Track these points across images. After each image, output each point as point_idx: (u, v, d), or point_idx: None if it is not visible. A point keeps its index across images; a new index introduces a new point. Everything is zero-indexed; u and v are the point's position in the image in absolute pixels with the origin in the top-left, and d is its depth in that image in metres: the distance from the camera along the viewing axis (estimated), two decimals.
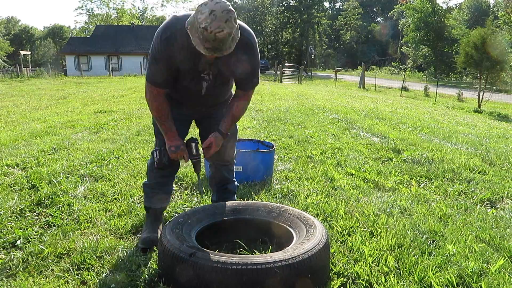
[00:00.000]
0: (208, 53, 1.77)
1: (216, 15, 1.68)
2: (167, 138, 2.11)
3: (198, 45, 1.76)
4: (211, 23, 1.68)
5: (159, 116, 2.08)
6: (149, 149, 4.39)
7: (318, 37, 55.27)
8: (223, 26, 1.69)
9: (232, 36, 1.74)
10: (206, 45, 1.73)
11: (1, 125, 6.27)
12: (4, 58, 51.30)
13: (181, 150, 2.11)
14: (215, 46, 1.73)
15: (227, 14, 1.70)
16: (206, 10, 1.70)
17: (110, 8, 55.64)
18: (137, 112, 7.54)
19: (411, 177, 3.61)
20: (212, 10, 1.69)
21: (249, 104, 2.23)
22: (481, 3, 52.03)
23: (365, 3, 63.60)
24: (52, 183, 3.20)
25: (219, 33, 1.69)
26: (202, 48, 1.75)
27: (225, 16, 1.69)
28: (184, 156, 2.13)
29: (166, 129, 2.09)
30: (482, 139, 5.83)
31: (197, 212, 2.13)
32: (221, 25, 1.68)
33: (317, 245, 1.76)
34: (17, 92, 12.99)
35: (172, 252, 1.71)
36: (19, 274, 1.91)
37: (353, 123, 6.72)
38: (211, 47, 1.73)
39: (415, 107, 11.61)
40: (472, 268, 1.92)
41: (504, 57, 14.92)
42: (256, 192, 3.08)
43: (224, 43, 1.73)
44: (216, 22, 1.68)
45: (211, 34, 1.68)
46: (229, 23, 1.70)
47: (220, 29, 1.68)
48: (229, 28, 1.70)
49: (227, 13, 1.70)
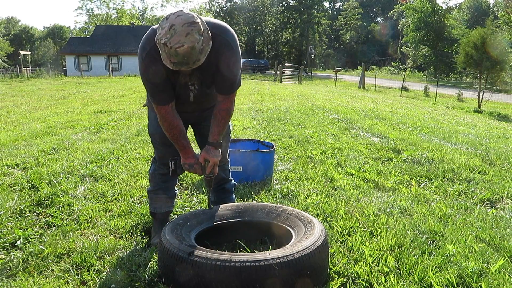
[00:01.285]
0: (175, 67, 1.73)
1: (176, 30, 1.63)
2: (182, 155, 2.10)
3: (165, 59, 1.72)
4: (171, 38, 1.63)
5: (171, 135, 2.05)
6: (149, 149, 4.39)
7: (318, 37, 55.24)
8: (183, 40, 1.63)
9: (197, 49, 1.67)
10: (172, 60, 1.69)
11: (1, 125, 6.27)
12: (4, 58, 51.30)
13: (194, 169, 2.11)
14: (180, 61, 1.69)
15: (188, 28, 1.64)
16: (166, 24, 1.65)
17: (110, 8, 55.73)
18: (137, 112, 7.53)
19: (411, 177, 3.61)
20: (172, 24, 1.64)
21: (234, 105, 2.12)
22: (481, 3, 52.08)
23: (365, 3, 63.62)
24: (52, 183, 3.20)
25: (179, 48, 1.63)
26: (169, 62, 1.72)
27: (186, 30, 1.63)
28: (197, 173, 2.13)
29: (180, 147, 2.08)
30: (482, 139, 5.83)
31: (197, 215, 2.13)
32: (181, 40, 1.63)
33: (316, 243, 1.76)
34: (17, 92, 12.99)
35: (171, 252, 1.72)
36: (19, 274, 1.91)
37: (353, 123, 6.72)
38: (176, 61, 1.69)
39: (415, 107, 11.61)
40: (472, 268, 1.92)
41: (504, 57, 14.92)
42: (256, 192, 3.08)
43: (189, 57, 1.68)
44: (175, 37, 1.63)
45: (171, 49, 1.64)
46: (191, 37, 1.64)
47: (180, 44, 1.63)
48: (190, 42, 1.64)
49: (188, 26, 1.64)
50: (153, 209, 2.38)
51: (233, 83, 1.99)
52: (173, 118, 2.01)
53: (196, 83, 2.02)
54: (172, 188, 2.43)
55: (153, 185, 2.38)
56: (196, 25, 1.66)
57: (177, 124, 2.02)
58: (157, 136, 2.24)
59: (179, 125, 2.03)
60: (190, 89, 2.04)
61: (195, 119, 2.31)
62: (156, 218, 2.38)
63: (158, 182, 2.35)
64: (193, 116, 2.28)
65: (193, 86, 2.03)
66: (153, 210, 2.38)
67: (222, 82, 1.98)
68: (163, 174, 2.32)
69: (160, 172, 2.33)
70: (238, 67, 1.97)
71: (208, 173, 2.11)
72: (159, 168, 2.33)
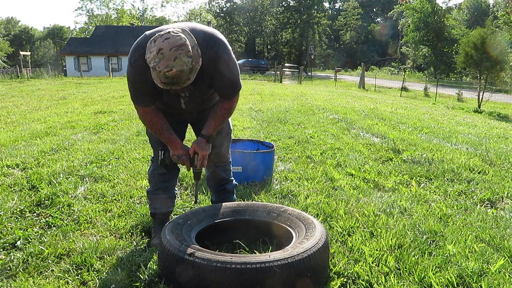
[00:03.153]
0: (166, 87, 1.73)
1: (164, 54, 1.62)
2: (170, 146, 2.11)
3: (155, 79, 1.72)
4: (159, 62, 1.63)
5: (153, 130, 2.07)
6: (149, 149, 4.39)
7: (318, 37, 55.27)
8: (172, 64, 1.62)
9: (186, 71, 1.67)
10: (162, 80, 1.70)
11: (1, 125, 6.27)
12: (4, 58, 51.34)
13: (182, 160, 2.11)
14: (170, 82, 1.69)
15: (175, 52, 1.63)
16: (154, 48, 1.65)
17: (110, 9, 55.78)
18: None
19: (411, 177, 3.62)
20: (160, 48, 1.63)
21: (236, 105, 2.12)
22: (480, 3, 52.09)
23: (365, 3, 63.62)
24: (52, 184, 3.20)
25: (168, 73, 1.64)
26: (159, 82, 1.72)
27: (174, 54, 1.62)
28: (186, 165, 2.14)
29: (165, 139, 2.08)
30: (482, 139, 5.83)
31: (197, 213, 2.13)
32: (169, 64, 1.62)
33: (317, 244, 1.76)
34: (17, 92, 12.99)
35: (172, 252, 1.71)
36: (19, 275, 1.91)
37: (353, 123, 6.72)
38: (166, 82, 1.69)
39: (415, 107, 11.61)
40: (472, 268, 1.92)
41: (504, 57, 14.92)
42: (256, 192, 3.08)
43: (179, 78, 1.68)
44: (164, 62, 1.62)
45: (160, 73, 1.64)
46: (179, 61, 1.63)
47: (169, 68, 1.63)
48: (179, 65, 1.64)
49: (176, 50, 1.63)
50: (153, 210, 2.38)
51: (233, 87, 2.00)
52: (152, 116, 2.02)
53: (187, 93, 2.02)
54: (172, 188, 2.43)
55: (153, 185, 2.38)
56: (184, 47, 1.65)
57: (157, 120, 2.03)
58: (154, 137, 2.25)
59: (160, 120, 2.04)
60: (181, 97, 2.05)
61: (193, 118, 2.31)
62: (156, 219, 2.38)
63: (157, 182, 2.35)
64: (190, 117, 2.28)
65: (184, 94, 2.04)
66: (153, 210, 2.38)
67: (222, 89, 2.00)
68: (162, 174, 2.33)
69: (159, 172, 2.33)
70: (235, 72, 1.97)
71: (198, 167, 2.11)
72: (158, 168, 2.33)
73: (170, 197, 2.40)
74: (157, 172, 2.34)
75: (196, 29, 1.85)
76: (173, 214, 2.62)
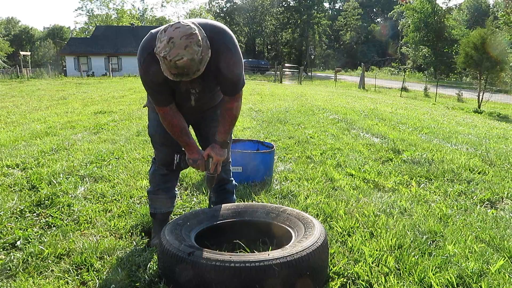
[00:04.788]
0: (175, 78, 1.73)
1: (175, 43, 1.63)
2: (186, 150, 2.13)
3: (165, 71, 1.73)
4: (170, 51, 1.63)
5: (172, 133, 2.09)
6: (149, 149, 4.39)
7: (318, 38, 55.27)
8: (183, 53, 1.63)
9: (196, 60, 1.68)
10: (172, 71, 1.70)
11: (1, 125, 6.27)
12: (4, 58, 51.31)
13: (198, 165, 2.13)
14: (180, 72, 1.69)
15: (186, 40, 1.63)
16: (165, 38, 1.65)
17: (110, 9, 55.78)
18: (137, 113, 7.53)
19: (411, 177, 3.61)
20: (171, 37, 1.63)
21: (240, 103, 2.12)
22: (480, 3, 52.09)
23: (365, 4, 63.58)
24: (52, 184, 3.20)
25: (179, 61, 1.64)
26: (169, 74, 1.72)
27: (184, 42, 1.63)
28: (201, 169, 2.16)
29: (183, 142, 2.11)
30: (482, 140, 5.83)
31: (197, 215, 2.13)
32: (180, 53, 1.63)
33: (316, 243, 1.76)
34: (17, 92, 12.99)
35: (171, 252, 1.72)
36: (19, 275, 1.91)
37: (353, 124, 6.72)
38: (177, 73, 1.70)
39: (415, 108, 11.61)
40: (472, 268, 1.92)
41: (504, 57, 14.94)
42: (256, 192, 3.08)
43: (189, 68, 1.68)
44: (174, 50, 1.62)
45: (171, 62, 1.64)
46: (190, 49, 1.64)
47: (180, 57, 1.63)
48: (189, 54, 1.64)
49: (186, 39, 1.63)
50: (153, 210, 2.38)
51: (236, 84, 2.00)
52: (173, 118, 2.03)
53: (197, 88, 2.03)
54: (172, 189, 2.43)
55: (153, 185, 2.38)
56: (195, 36, 1.66)
57: (176, 123, 2.04)
58: (157, 137, 2.25)
59: (180, 123, 2.05)
60: (191, 93, 2.06)
61: (194, 120, 2.31)
62: (156, 219, 2.38)
63: (158, 182, 2.36)
64: (192, 118, 2.28)
65: (194, 90, 2.05)
66: (153, 210, 2.38)
67: (225, 84, 2.00)
68: (163, 175, 2.33)
69: (160, 173, 2.33)
70: (240, 67, 1.97)
71: (211, 171, 2.12)
72: (159, 168, 2.33)
73: (170, 197, 2.40)
74: (158, 172, 2.34)
75: (203, 22, 1.87)
76: (173, 215, 2.61)
